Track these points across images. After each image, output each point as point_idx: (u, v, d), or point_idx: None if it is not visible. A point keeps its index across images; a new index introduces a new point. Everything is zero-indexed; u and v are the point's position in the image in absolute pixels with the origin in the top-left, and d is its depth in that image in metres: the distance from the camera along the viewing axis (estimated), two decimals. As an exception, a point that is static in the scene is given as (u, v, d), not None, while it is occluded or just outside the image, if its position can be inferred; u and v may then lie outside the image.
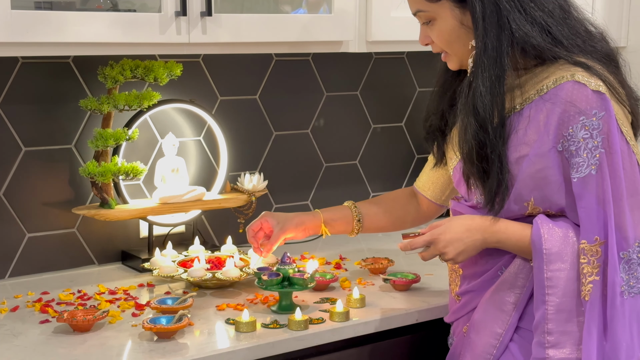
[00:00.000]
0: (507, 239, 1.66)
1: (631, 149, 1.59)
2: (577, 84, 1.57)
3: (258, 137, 2.54)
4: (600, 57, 1.64)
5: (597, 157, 1.55)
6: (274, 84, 2.53)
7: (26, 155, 2.17)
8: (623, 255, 1.57)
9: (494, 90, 1.59)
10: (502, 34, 1.59)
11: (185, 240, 2.37)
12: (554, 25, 1.61)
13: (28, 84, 2.14)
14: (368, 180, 2.77)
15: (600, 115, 1.55)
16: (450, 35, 1.67)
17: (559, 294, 1.59)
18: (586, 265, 1.57)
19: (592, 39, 1.66)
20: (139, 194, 2.32)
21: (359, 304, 1.95)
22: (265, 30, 2.11)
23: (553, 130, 1.58)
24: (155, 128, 2.34)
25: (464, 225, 1.68)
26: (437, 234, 1.70)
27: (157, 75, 2.15)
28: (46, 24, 1.81)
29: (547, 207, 1.63)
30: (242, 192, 2.36)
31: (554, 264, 1.59)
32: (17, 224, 2.17)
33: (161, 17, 1.94)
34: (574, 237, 1.60)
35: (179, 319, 1.76)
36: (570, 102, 1.56)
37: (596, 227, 1.56)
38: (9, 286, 2.12)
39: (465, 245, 1.67)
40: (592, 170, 1.55)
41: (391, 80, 2.74)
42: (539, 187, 1.61)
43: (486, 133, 1.60)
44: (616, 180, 1.56)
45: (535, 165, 1.60)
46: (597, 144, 1.55)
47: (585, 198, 1.57)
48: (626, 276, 1.57)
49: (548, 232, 1.60)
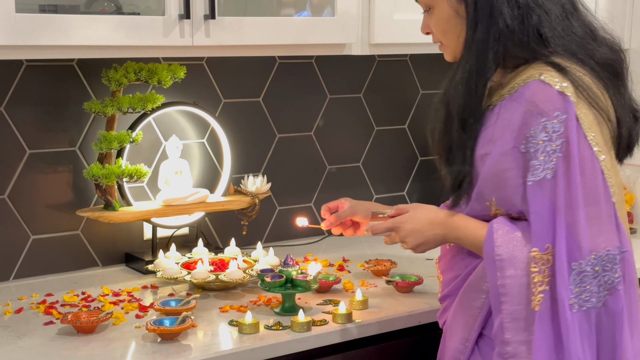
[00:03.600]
0: (465, 237, 1.62)
1: (595, 156, 1.50)
2: (542, 83, 1.51)
3: (261, 139, 2.54)
4: (594, 63, 1.57)
5: (554, 162, 1.48)
6: (277, 86, 2.54)
7: (30, 158, 2.18)
8: (574, 267, 1.48)
9: (470, 82, 1.55)
10: (492, 27, 1.54)
11: (189, 242, 2.37)
12: (548, 23, 1.55)
13: (32, 87, 2.15)
14: (371, 182, 2.77)
15: (562, 118, 1.48)
16: (445, 25, 1.63)
17: (514, 301, 1.52)
18: (537, 274, 1.50)
19: (593, 43, 1.59)
20: (142, 196, 2.33)
21: (361, 305, 1.95)
22: (269, 33, 2.11)
23: (516, 130, 1.52)
24: (159, 130, 2.35)
25: (427, 218, 1.66)
26: (399, 222, 1.68)
27: (160, 78, 2.16)
28: (50, 27, 1.82)
29: (508, 209, 1.57)
30: (246, 194, 2.36)
31: (507, 270, 1.52)
32: (22, 226, 2.18)
33: (165, 20, 1.95)
34: (529, 244, 1.52)
35: (182, 321, 1.77)
36: (533, 102, 1.50)
37: (548, 234, 1.49)
38: (14, 288, 2.13)
39: (425, 238, 1.65)
40: (547, 175, 1.48)
41: (394, 83, 2.74)
42: (499, 187, 1.55)
43: (453, 124, 1.57)
44: (572, 187, 1.47)
45: (496, 164, 1.54)
46: (556, 147, 1.48)
47: (537, 203, 1.49)
48: (577, 289, 1.48)
49: (502, 237, 1.54)
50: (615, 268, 1.50)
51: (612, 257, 1.50)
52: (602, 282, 1.50)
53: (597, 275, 1.49)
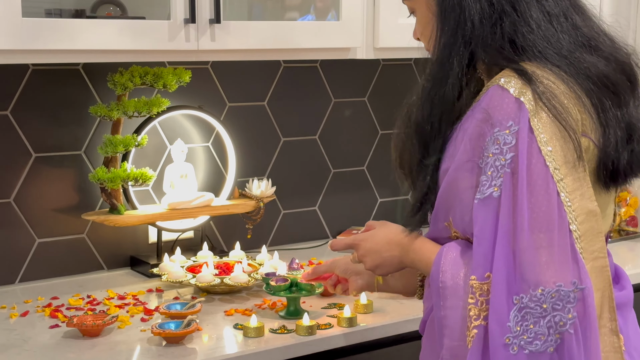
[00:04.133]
0: (419, 261, 1.44)
1: (550, 175, 1.27)
2: (499, 89, 1.31)
3: (266, 143, 2.55)
4: (579, 73, 1.34)
5: (502, 178, 1.28)
6: (282, 90, 2.55)
7: (36, 161, 2.18)
8: (515, 301, 1.25)
9: (432, 92, 1.39)
10: (459, 30, 1.36)
11: (194, 246, 2.38)
12: (524, 28, 1.35)
13: (38, 91, 2.16)
14: (376, 186, 2.78)
15: (514, 129, 1.28)
16: (424, 28, 1.47)
17: (453, 336, 1.33)
18: (473, 307, 1.29)
19: (585, 54, 1.36)
20: (147, 199, 2.33)
21: (366, 309, 1.95)
22: (274, 37, 2.12)
23: (473, 142, 1.33)
24: (164, 134, 2.35)
25: (386, 238, 1.49)
26: (358, 240, 1.54)
27: (166, 82, 2.16)
28: (56, 32, 1.83)
29: (464, 232, 1.37)
30: (251, 198, 2.37)
31: (448, 299, 1.34)
32: (27, 230, 2.19)
33: (170, 24, 1.96)
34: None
35: (187, 324, 1.77)
36: (487, 110, 1.31)
37: (488, 261, 1.28)
38: (19, 291, 2.14)
39: (383, 259, 1.49)
40: (493, 192, 1.28)
41: (399, 87, 2.75)
42: (454, 206, 1.36)
43: (411, 138, 1.43)
44: (518, 208, 1.26)
45: (451, 181, 1.36)
46: (505, 162, 1.28)
47: (479, 224, 1.29)
48: (517, 327, 1.25)
49: (449, 263, 1.35)
50: (569, 307, 1.25)
51: (564, 294, 1.25)
52: (552, 323, 1.25)
53: (546, 314, 1.25)
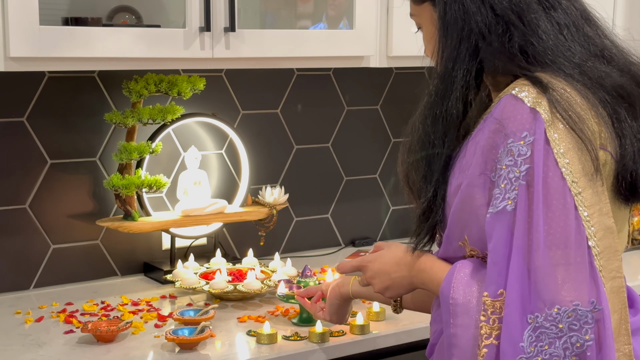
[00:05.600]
0: (429, 281, 1.38)
1: (567, 188, 1.22)
2: (513, 99, 1.26)
3: (279, 150, 2.56)
4: (592, 82, 1.30)
5: (516, 191, 1.23)
6: (295, 98, 2.56)
7: (52, 168, 2.20)
8: (530, 320, 1.20)
9: (434, 107, 1.35)
10: (463, 42, 1.32)
11: (207, 253, 2.39)
12: (533, 38, 1.31)
13: (54, 98, 2.18)
14: (388, 194, 2.78)
15: (530, 140, 1.23)
16: (429, 42, 1.42)
17: (464, 356, 1.28)
18: (485, 325, 1.24)
19: (598, 64, 1.33)
20: (161, 206, 2.35)
21: (378, 317, 1.96)
22: (288, 45, 2.13)
23: (485, 154, 1.28)
24: (178, 141, 2.37)
25: (395, 258, 1.43)
26: (366, 261, 1.48)
27: (180, 90, 2.18)
28: (73, 40, 1.84)
29: (482, 249, 1.31)
30: (263, 205, 2.38)
31: (459, 317, 1.28)
32: (42, 236, 2.21)
33: (185, 32, 1.97)
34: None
35: (201, 331, 1.78)
36: (500, 121, 1.26)
37: (502, 277, 1.23)
38: (34, 297, 2.15)
39: (392, 280, 1.44)
40: (507, 206, 1.23)
41: (411, 95, 2.73)
42: (469, 223, 1.31)
43: (416, 155, 1.38)
44: (534, 223, 1.21)
45: (465, 196, 1.30)
46: (520, 174, 1.23)
47: (494, 239, 1.24)
48: (531, 347, 1.20)
49: (462, 279, 1.30)
50: (586, 328, 1.19)
51: (581, 314, 1.20)
52: (568, 345, 1.20)
53: (562, 335, 1.20)
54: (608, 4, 2.59)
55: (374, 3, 2.24)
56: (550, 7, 1.33)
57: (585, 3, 1.39)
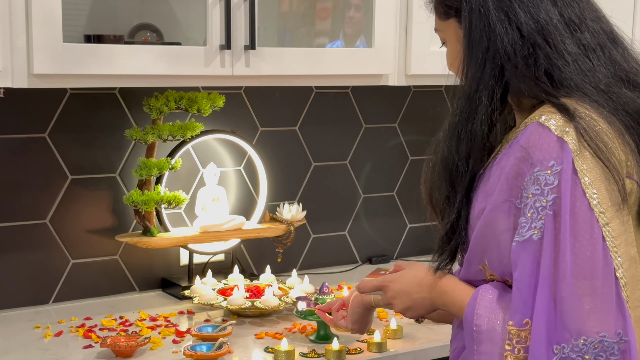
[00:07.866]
0: (451, 303, 1.38)
1: (595, 219, 1.22)
2: (540, 127, 1.26)
3: (297, 167, 2.57)
4: (618, 109, 1.29)
5: (542, 220, 1.23)
6: (314, 115, 2.57)
7: (72, 183, 2.22)
8: (556, 351, 1.20)
9: (458, 127, 1.34)
10: (488, 63, 1.31)
11: (225, 269, 2.39)
12: (559, 61, 1.30)
13: (75, 114, 2.20)
14: (405, 211, 2.78)
15: (557, 169, 1.23)
16: (453, 59, 1.41)
17: None
18: (510, 354, 1.25)
19: (624, 89, 1.32)
20: (180, 222, 2.36)
21: (396, 334, 1.96)
22: (307, 63, 2.14)
23: (511, 181, 1.27)
24: (197, 158, 2.38)
25: (416, 278, 1.44)
26: (387, 281, 1.48)
27: (200, 107, 2.20)
28: (95, 57, 1.87)
29: (502, 275, 1.32)
30: (281, 222, 2.39)
31: (483, 344, 1.28)
32: (62, 250, 2.22)
33: (206, 50, 1.99)
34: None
35: (219, 347, 1.79)
36: (526, 149, 1.26)
37: (527, 306, 1.23)
38: (53, 311, 2.16)
39: (413, 301, 1.44)
40: (533, 235, 1.23)
41: (429, 113, 2.76)
42: (490, 248, 1.31)
43: (438, 176, 1.38)
44: (561, 253, 1.21)
45: (488, 222, 1.30)
46: (546, 203, 1.23)
47: (519, 268, 1.24)
48: None
49: (486, 306, 1.30)
50: None
51: (608, 345, 1.20)
52: None
53: None
54: (627, 16, 2.58)
55: (392, 22, 2.25)
56: (577, 29, 1.33)
57: (611, 23, 1.38)
